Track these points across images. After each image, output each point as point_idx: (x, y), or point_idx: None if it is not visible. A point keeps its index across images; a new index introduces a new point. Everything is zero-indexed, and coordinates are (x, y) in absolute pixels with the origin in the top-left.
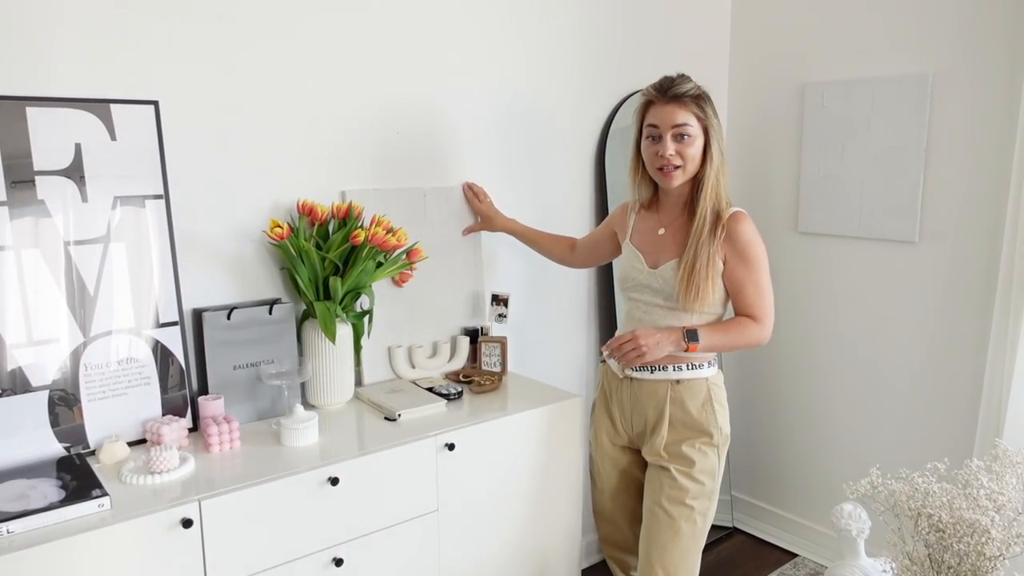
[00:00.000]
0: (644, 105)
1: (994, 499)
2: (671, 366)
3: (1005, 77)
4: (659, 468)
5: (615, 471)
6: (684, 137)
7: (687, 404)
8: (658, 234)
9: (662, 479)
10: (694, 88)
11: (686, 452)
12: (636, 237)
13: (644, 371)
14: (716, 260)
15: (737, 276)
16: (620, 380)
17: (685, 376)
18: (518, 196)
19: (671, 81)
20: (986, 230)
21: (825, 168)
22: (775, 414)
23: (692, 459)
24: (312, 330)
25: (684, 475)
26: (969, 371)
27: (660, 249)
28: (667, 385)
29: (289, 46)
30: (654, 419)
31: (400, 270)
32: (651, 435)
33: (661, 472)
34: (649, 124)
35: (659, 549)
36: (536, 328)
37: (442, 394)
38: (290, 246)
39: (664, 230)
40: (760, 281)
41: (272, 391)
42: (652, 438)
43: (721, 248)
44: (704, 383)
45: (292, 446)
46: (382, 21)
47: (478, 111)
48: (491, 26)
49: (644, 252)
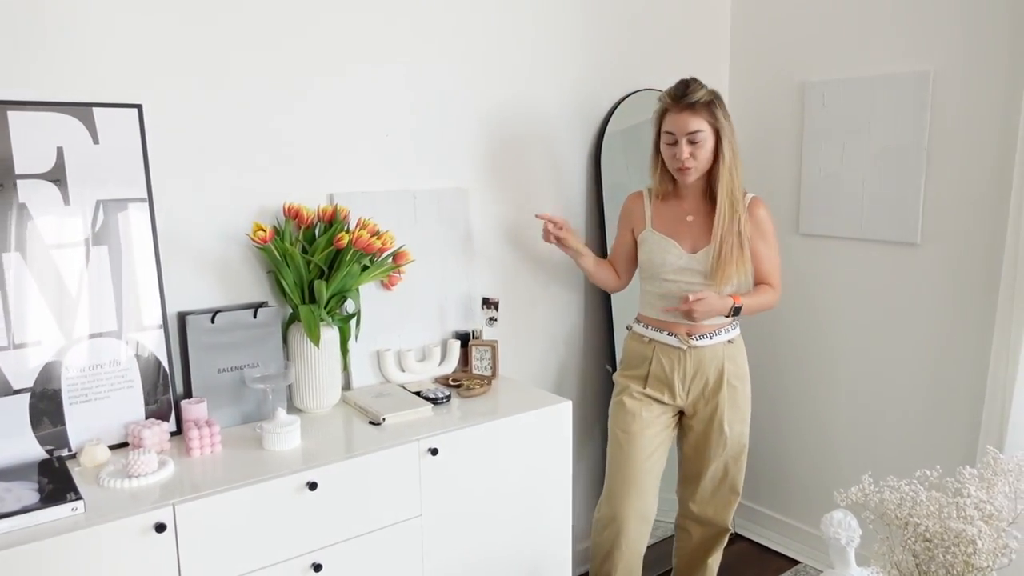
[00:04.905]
0: (661, 111)
1: (982, 508)
2: (722, 330)
3: (1006, 75)
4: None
5: (655, 439)
6: (697, 142)
7: (737, 359)
8: (687, 221)
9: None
10: (705, 94)
11: (740, 402)
12: (660, 224)
13: (705, 339)
14: (744, 243)
15: (759, 251)
16: (682, 351)
17: (733, 336)
18: (513, 197)
19: (685, 88)
20: (988, 231)
21: (826, 168)
22: (779, 418)
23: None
24: (298, 334)
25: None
26: (973, 375)
27: (695, 235)
28: (722, 347)
29: (277, 49)
30: (715, 378)
31: (386, 274)
32: (713, 394)
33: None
34: (666, 131)
35: (736, 473)
36: (528, 332)
37: (429, 398)
38: (274, 249)
39: (692, 217)
40: (775, 255)
41: (257, 395)
42: (715, 396)
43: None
44: (741, 339)
45: (274, 450)
46: (372, 21)
47: (471, 112)
48: (486, 26)
49: (678, 238)
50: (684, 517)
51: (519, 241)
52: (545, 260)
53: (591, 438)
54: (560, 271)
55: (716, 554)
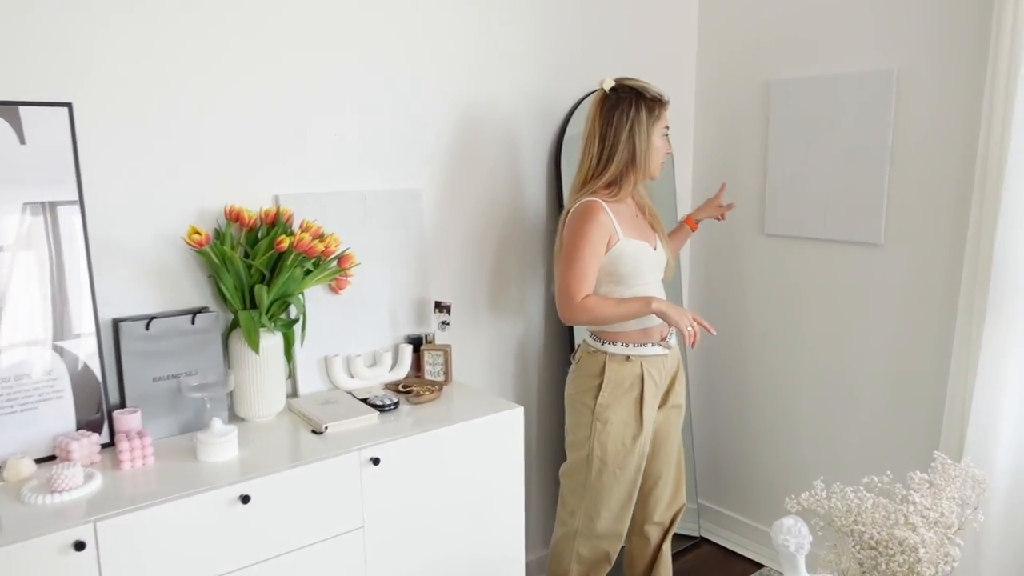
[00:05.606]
0: (660, 108)
1: (927, 516)
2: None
3: (969, 75)
4: (673, 408)
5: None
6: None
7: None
8: (637, 220)
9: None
10: None
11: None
12: (628, 230)
13: (671, 337)
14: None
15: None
16: (664, 357)
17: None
18: (468, 199)
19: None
20: (951, 232)
21: (791, 168)
22: (742, 421)
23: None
24: (238, 340)
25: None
26: (935, 376)
27: (647, 232)
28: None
29: (216, 44)
30: (677, 363)
31: (331, 277)
32: (676, 381)
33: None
34: (667, 126)
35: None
36: (484, 335)
37: (376, 405)
38: (212, 253)
39: (638, 215)
40: None
41: (195, 404)
42: (676, 385)
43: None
44: None
45: (208, 462)
46: (322, 20)
47: (425, 112)
48: (442, 25)
49: (645, 239)
50: (642, 525)
51: (475, 243)
52: (502, 262)
53: (549, 443)
54: (518, 273)
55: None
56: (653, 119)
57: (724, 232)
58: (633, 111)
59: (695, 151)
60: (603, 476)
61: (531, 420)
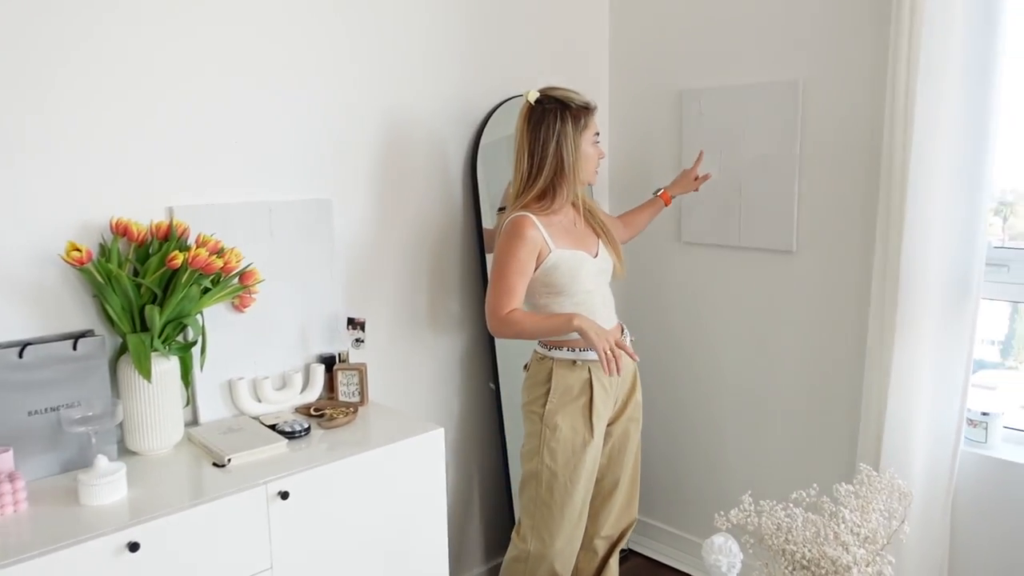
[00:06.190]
0: (587, 116)
1: (857, 533)
2: (624, 326)
3: (870, 85)
4: (631, 421)
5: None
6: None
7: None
8: (575, 228)
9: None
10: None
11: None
12: (561, 241)
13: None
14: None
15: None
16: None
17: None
18: (382, 209)
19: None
20: (860, 238)
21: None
22: (670, 429)
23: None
24: (128, 366)
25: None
26: (851, 382)
27: (587, 239)
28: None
29: (109, 46)
30: (632, 375)
31: (232, 295)
32: (631, 393)
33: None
34: (597, 132)
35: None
36: (402, 352)
37: (285, 432)
38: (95, 271)
39: (576, 223)
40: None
41: (79, 439)
42: (632, 395)
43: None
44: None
45: (93, 505)
46: (220, 21)
47: (334, 119)
48: (350, 27)
49: (583, 247)
50: (592, 538)
51: (390, 255)
52: (419, 274)
53: (474, 461)
54: (436, 285)
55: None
56: (580, 129)
57: (643, 240)
58: (559, 123)
59: (610, 160)
60: (554, 490)
61: (469, 435)
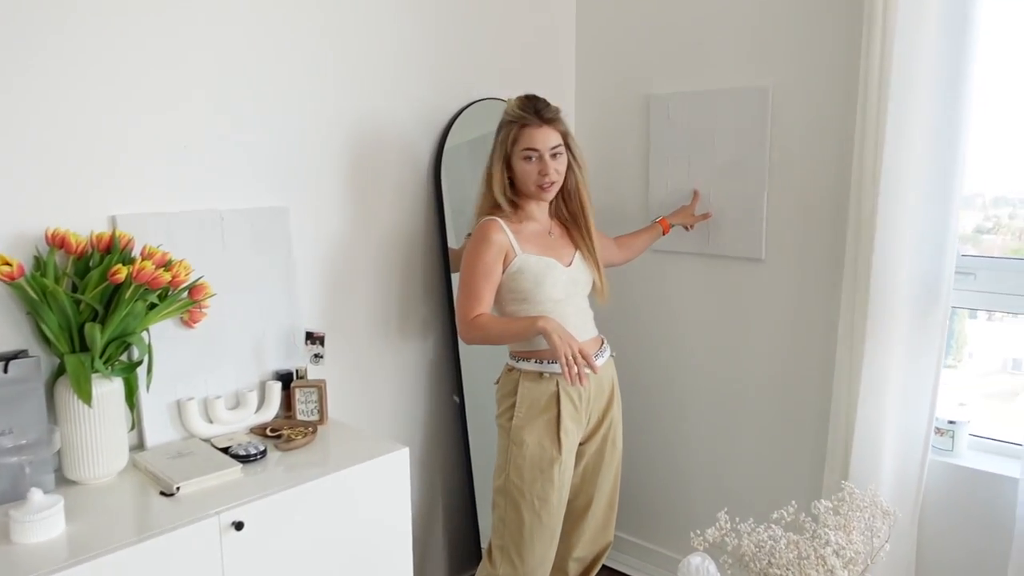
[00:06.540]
0: (518, 127)
1: (842, 555)
2: (604, 342)
3: (840, 92)
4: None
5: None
6: (558, 156)
7: (614, 370)
8: (549, 237)
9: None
10: (556, 108)
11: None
12: (529, 246)
13: (600, 357)
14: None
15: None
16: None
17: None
18: (341, 217)
19: (539, 103)
20: (830, 246)
21: (673, 183)
22: (642, 441)
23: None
24: (66, 389)
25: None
26: (820, 391)
27: (560, 249)
28: (611, 360)
29: (28, 38)
30: (608, 394)
31: (181, 311)
32: (607, 412)
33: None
34: (527, 148)
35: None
36: (363, 367)
37: (239, 456)
38: (28, 287)
39: (551, 233)
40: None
41: (11, 470)
42: (608, 412)
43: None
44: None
45: (26, 543)
46: (178, 16)
47: (290, 123)
48: (307, 28)
49: (554, 255)
50: (564, 559)
51: (349, 265)
52: (381, 285)
53: (438, 476)
54: (398, 296)
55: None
56: (510, 142)
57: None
58: (501, 134)
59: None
60: (522, 509)
61: (433, 450)
